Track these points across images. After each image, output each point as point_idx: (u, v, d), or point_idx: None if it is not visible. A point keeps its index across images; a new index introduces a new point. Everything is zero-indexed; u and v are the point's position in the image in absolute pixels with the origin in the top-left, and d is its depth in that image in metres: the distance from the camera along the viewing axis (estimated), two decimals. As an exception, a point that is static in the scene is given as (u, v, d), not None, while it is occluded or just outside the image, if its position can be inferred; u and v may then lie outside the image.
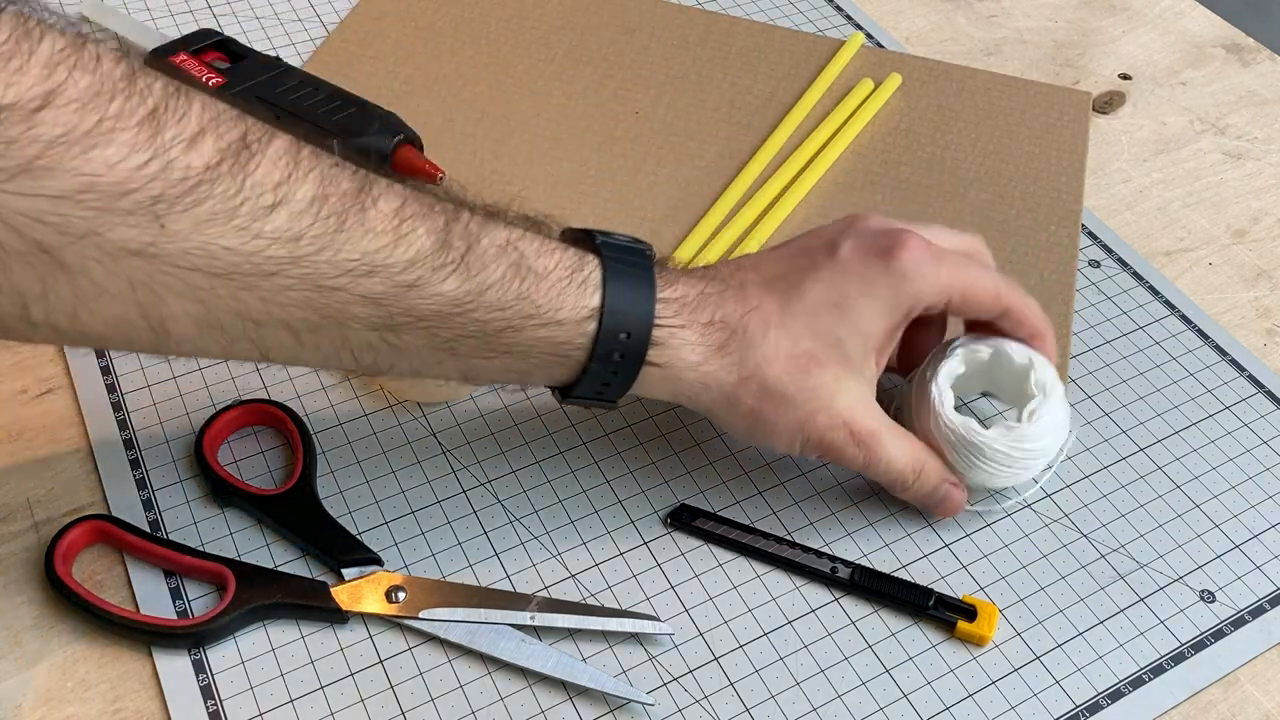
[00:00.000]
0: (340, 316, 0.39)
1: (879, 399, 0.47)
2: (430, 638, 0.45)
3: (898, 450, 0.47)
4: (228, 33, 0.70)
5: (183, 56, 0.64)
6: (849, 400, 0.45)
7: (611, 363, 0.43)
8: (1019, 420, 0.48)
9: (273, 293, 0.37)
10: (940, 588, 0.48)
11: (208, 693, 0.44)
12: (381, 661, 0.45)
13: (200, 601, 0.46)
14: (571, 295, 0.42)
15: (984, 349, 0.49)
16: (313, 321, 0.38)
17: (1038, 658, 0.46)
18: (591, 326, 0.42)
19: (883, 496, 0.51)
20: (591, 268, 0.43)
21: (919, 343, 0.51)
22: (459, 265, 0.40)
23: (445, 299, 0.40)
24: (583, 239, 0.44)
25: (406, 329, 0.40)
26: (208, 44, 0.65)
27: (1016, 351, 0.49)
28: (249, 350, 0.39)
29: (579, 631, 0.46)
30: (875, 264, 0.46)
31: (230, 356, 0.40)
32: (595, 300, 0.42)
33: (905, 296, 0.46)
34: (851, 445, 0.46)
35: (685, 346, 0.44)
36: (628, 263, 0.43)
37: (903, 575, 0.49)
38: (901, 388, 0.52)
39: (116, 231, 0.34)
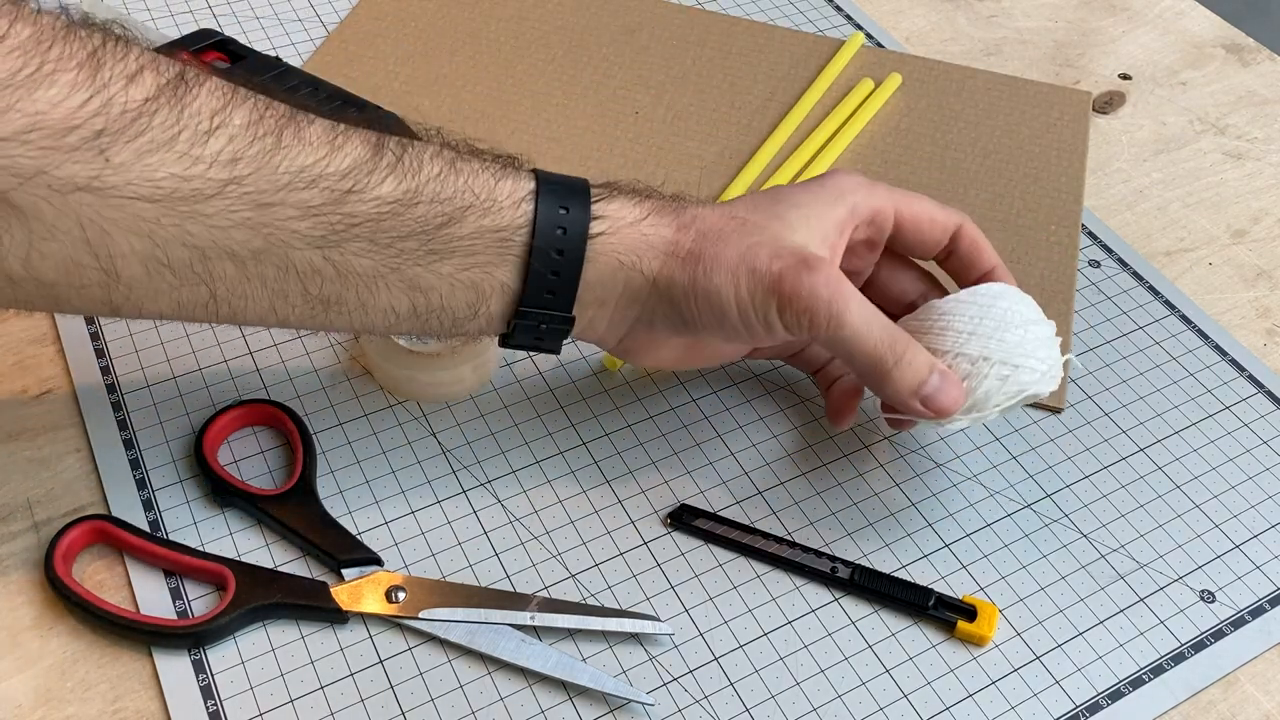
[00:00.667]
0: (282, 234, 0.39)
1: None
2: (430, 638, 0.45)
3: (868, 317, 0.43)
4: (228, 33, 0.70)
5: (183, 57, 0.64)
6: (800, 237, 0.44)
7: (555, 244, 0.43)
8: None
9: (215, 216, 0.38)
10: (940, 588, 0.48)
11: (208, 693, 0.44)
12: (381, 661, 0.45)
13: (200, 601, 0.46)
14: (508, 182, 0.43)
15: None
16: (255, 246, 0.39)
17: (1038, 658, 0.46)
18: (529, 207, 0.43)
19: (883, 496, 0.51)
20: (522, 165, 0.45)
21: (896, 284, 0.50)
22: (394, 168, 0.41)
23: (383, 200, 0.40)
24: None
25: (348, 241, 0.40)
26: (208, 44, 0.65)
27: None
28: (197, 293, 0.40)
29: (579, 631, 0.46)
30: (812, 185, 0.47)
31: (180, 311, 0.41)
32: (530, 184, 0.43)
33: (843, 202, 0.46)
34: (806, 270, 0.43)
35: (624, 209, 0.44)
36: (558, 176, 0.45)
37: (903, 575, 0.49)
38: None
39: (64, 168, 0.35)
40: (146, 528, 0.48)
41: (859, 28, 0.76)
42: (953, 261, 0.49)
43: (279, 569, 0.47)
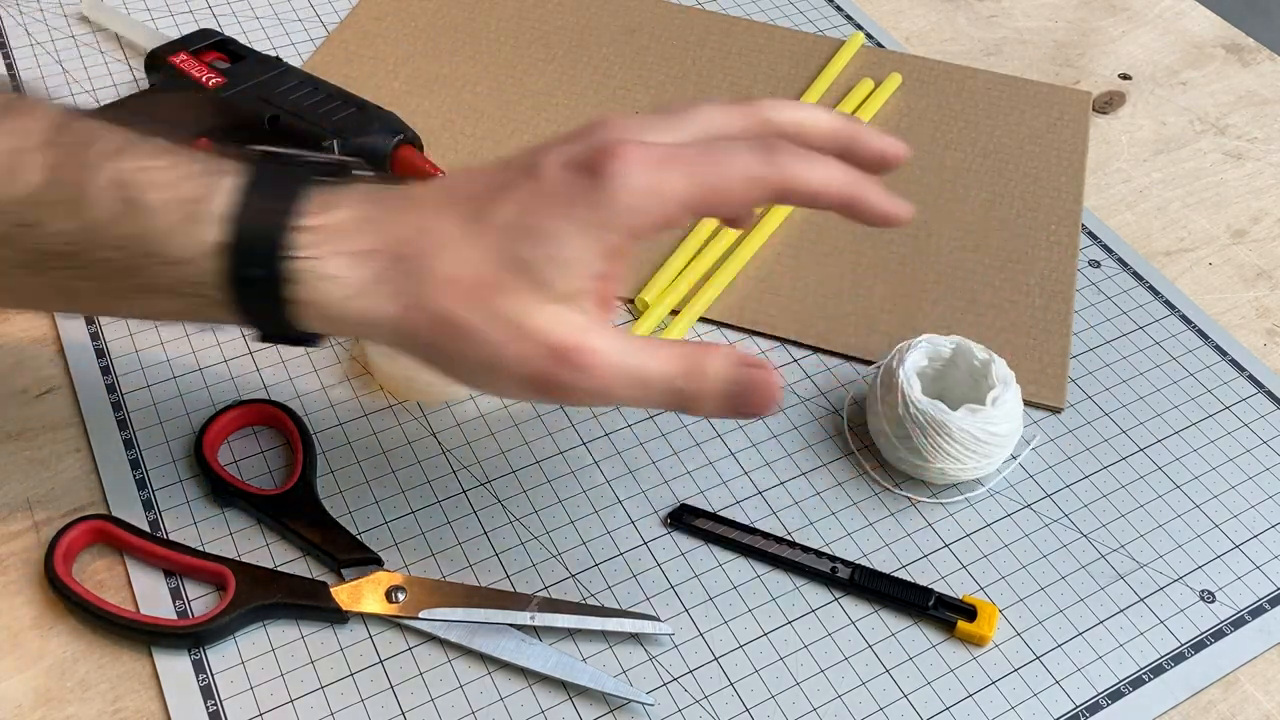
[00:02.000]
0: None
1: (840, 388, 0.46)
2: (430, 638, 0.45)
3: (636, 355, 0.39)
4: (228, 33, 0.70)
5: (183, 56, 0.64)
6: (544, 320, 0.38)
7: (255, 301, 0.39)
8: (983, 405, 0.49)
9: None
10: (940, 588, 0.48)
11: (208, 693, 0.44)
12: (381, 661, 0.45)
13: (200, 601, 0.46)
14: (190, 232, 0.38)
15: (946, 343, 0.52)
16: None
17: (1038, 658, 0.46)
18: (217, 264, 0.38)
19: (882, 496, 0.51)
20: (221, 198, 0.38)
21: None
22: (70, 203, 0.38)
23: (64, 239, 0.38)
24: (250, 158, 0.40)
25: (49, 270, 0.39)
26: (208, 44, 0.65)
27: (977, 348, 0.51)
28: None
29: (579, 631, 0.46)
30: (578, 182, 0.38)
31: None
32: (213, 235, 0.38)
33: (618, 217, 0.38)
34: (564, 369, 0.38)
35: (328, 281, 0.38)
36: (274, 188, 0.39)
37: (903, 575, 0.49)
38: (867, 377, 0.54)
39: None
40: (146, 528, 0.48)
41: (859, 28, 0.76)
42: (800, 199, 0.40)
43: (279, 569, 0.47)
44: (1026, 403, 0.55)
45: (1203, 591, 0.49)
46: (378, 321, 0.39)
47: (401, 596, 0.46)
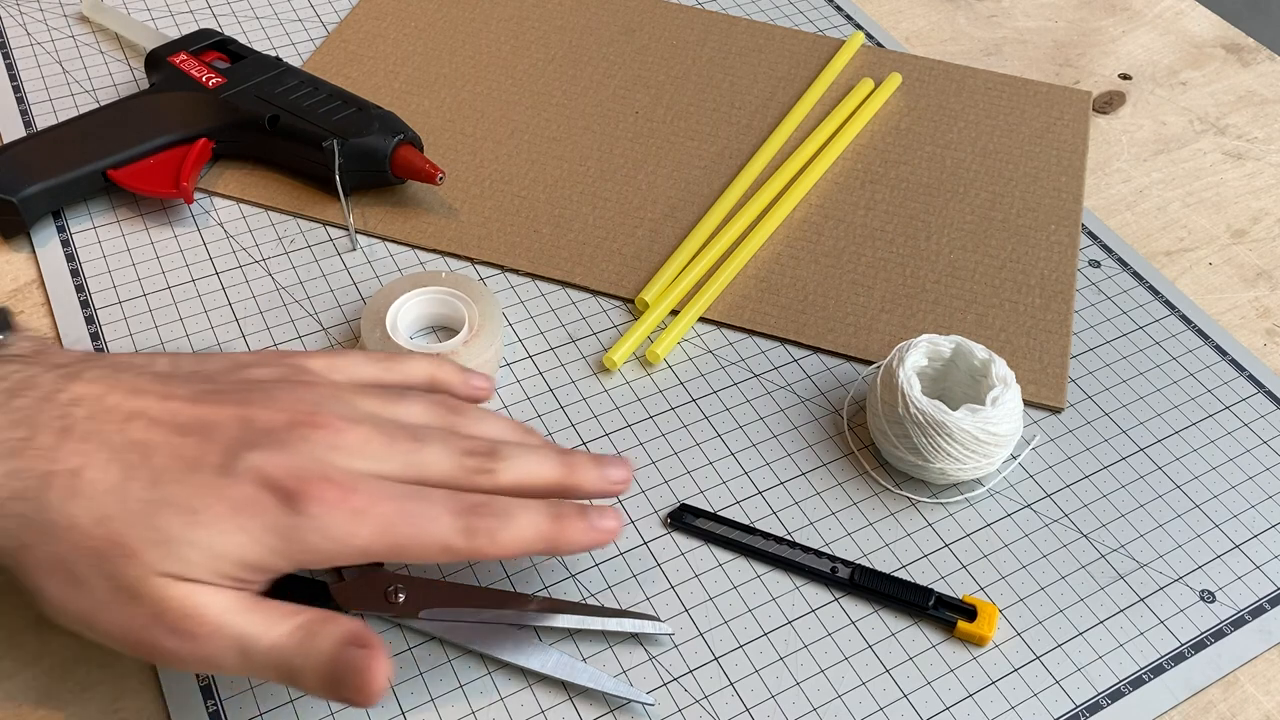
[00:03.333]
0: None
1: (840, 388, 0.47)
2: (430, 638, 0.45)
3: (250, 624, 0.37)
4: (228, 33, 0.70)
5: (183, 56, 0.64)
6: (163, 590, 0.36)
7: None
8: (983, 405, 0.49)
9: None
10: (940, 588, 0.48)
11: (208, 693, 0.44)
12: (381, 661, 0.45)
13: (200, 601, 0.46)
14: None
15: (946, 343, 0.52)
16: None
17: (1038, 658, 0.46)
18: None
19: (882, 496, 0.51)
20: None
21: None
22: None
23: None
24: None
25: None
26: (208, 44, 0.65)
27: (978, 348, 0.51)
28: None
29: (579, 631, 0.46)
30: (270, 507, 0.37)
31: None
32: None
33: (299, 553, 0.37)
34: (170, 637, 0.36)
35: None
36: None
37: (903, 575, 0.49)
38: (867, 377, 0.54)
39: None
40: (146, 528, 0.48)
41: (859, 28, 0.76)
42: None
43: (279, 569, 0.47)
44: (1026, 403, 0.55)
45: (1203, 591, 0.49)
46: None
47: (401, 596, 0.46)
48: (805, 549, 0.49)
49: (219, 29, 0.71)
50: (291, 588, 0.45)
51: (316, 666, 0.37)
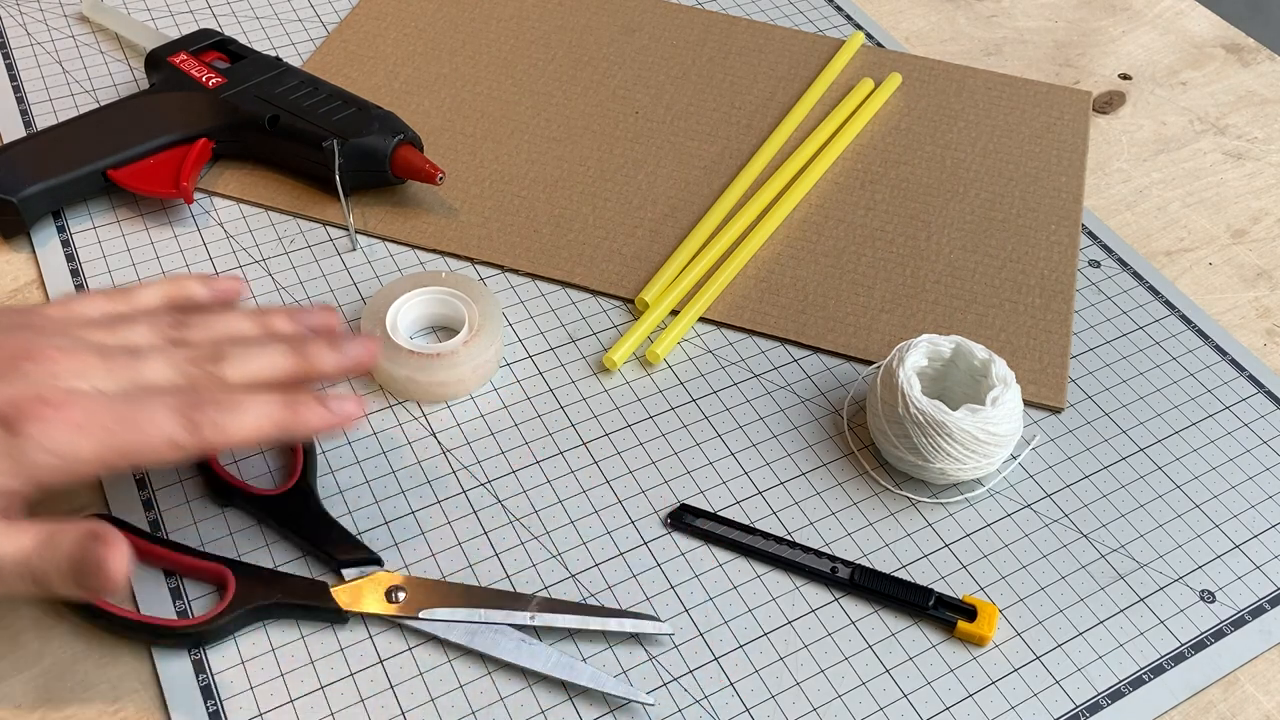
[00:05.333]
0: None
1: (840, 388, 0.47)
2: (430, 638, 0.45)
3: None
4: (228, 33, 0.70)
5: (182, 56, 0.64)
6: None
7: None
8: (983, 405, 0.49)
9: None
10: (940, 588, 0.48)
11: (208, 693, 0.44)
12: (381, 661, 0.45)
13: (200, 601, 0.46)
14: None
15: (946, 343, 0.52)
16: None
17: (1038, 658, 0.46)
18: None
19: (882, 496, 0.51)
20: None
21: None
22: None
23: None
24: None
25: None
26: (207, 44, 0.65)
27: (978, 348, 0.51)
28: None
29: (579, 631, 0.46)
30: None
31: None
32: None
33: (25, 471, 0.38)
34: None
35: None
36: None
37: (903, 575, 0.49)
38: (867, 377, 0.54)
39: None
40: (146, 528, 0.48)
41: (859, 28, 0.76)
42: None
43: (279, 569, 0.47)
44: (1026, 403, 0.55)
45: (1203, 591, 0.49)
46: None
47: (401, 596, 0.46)
48: (805, 549, 0.49)
49: (219, 29, 0.71)
50: (291, 587, 0.46)
51: (59, 566, 0.38)
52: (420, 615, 0.45)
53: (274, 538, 0.48)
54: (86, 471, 0.39)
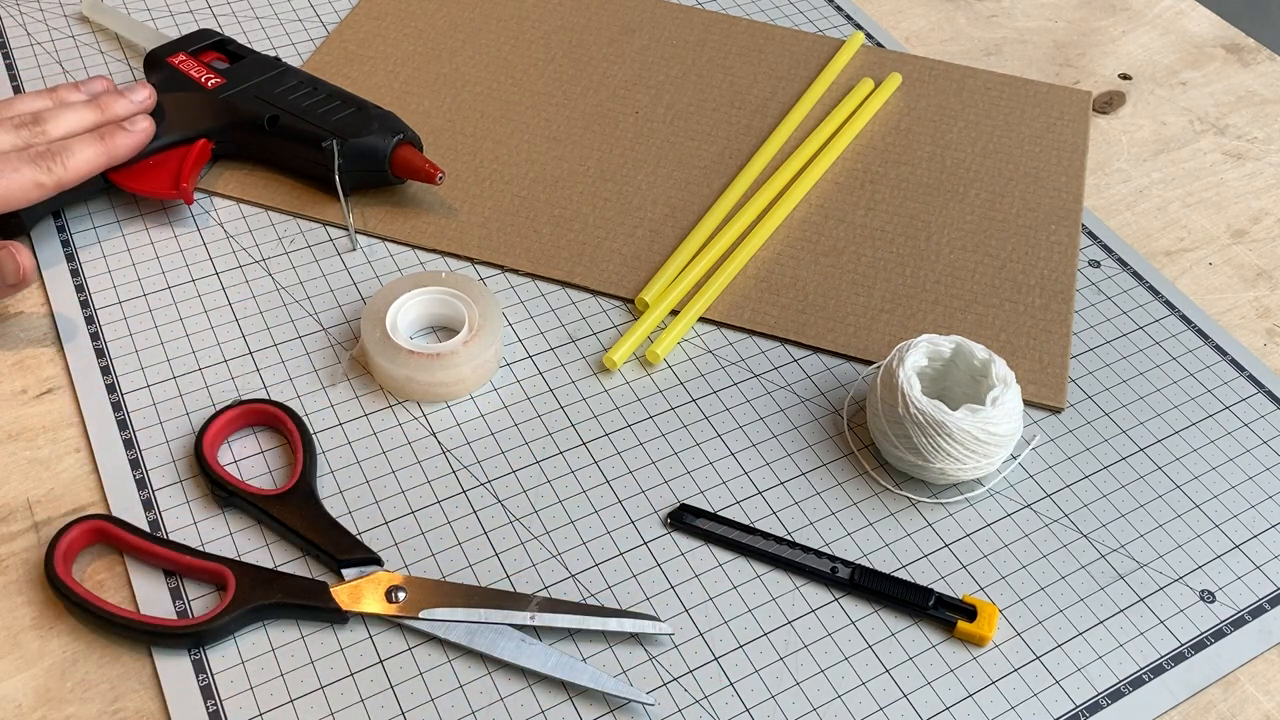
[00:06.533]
0: None
1: (840, 388, 0.47)
2: (430, 638, 0.45)
3: None
4: (228, 33, 0.70)
5: (182, 57, 0.64)
6: None
7: None
8: (983, 405, 0.49)
9: None
10: (940, 588, 0.48)
11: (208, 693, 0.44)
12: (381, 661, 0.45)
13: (200, 601, 0.46)
14: None
15: (946, 343, 0.52)
16: None
17: (1038, 658, 0.46)
18: None
19: (882, 496, 0.51)
20: None
21: None
22: None
23: None
24: None
25: None
26: (207, 44, 0.65)
27: (978, 348, 0.51)
28: None
29: (579, 631, 0.46)
30: None
31: None
32: None
33: None
34: None
35: None
36: None
37: (903, 575, 0.49)
38: (867, 377, 0.54)
39: None
40: (146, 528, 0.48)
41: (859, 28, 0.76)
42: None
43: (279, 569, 0.47)
44: (1026, 403, 0.55)
45: (1203, 591, 0.49)
46: None
47: (401, 596, 0.46)
48: (805, 549, 0.49)
49: (219, 29, 0.71)
50: (291, 587, 0.46)
51: None
52: (420, 615, 0.45)
53: (274, 538, 0.48)
54: None
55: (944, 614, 0.47)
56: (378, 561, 0.47)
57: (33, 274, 0.53)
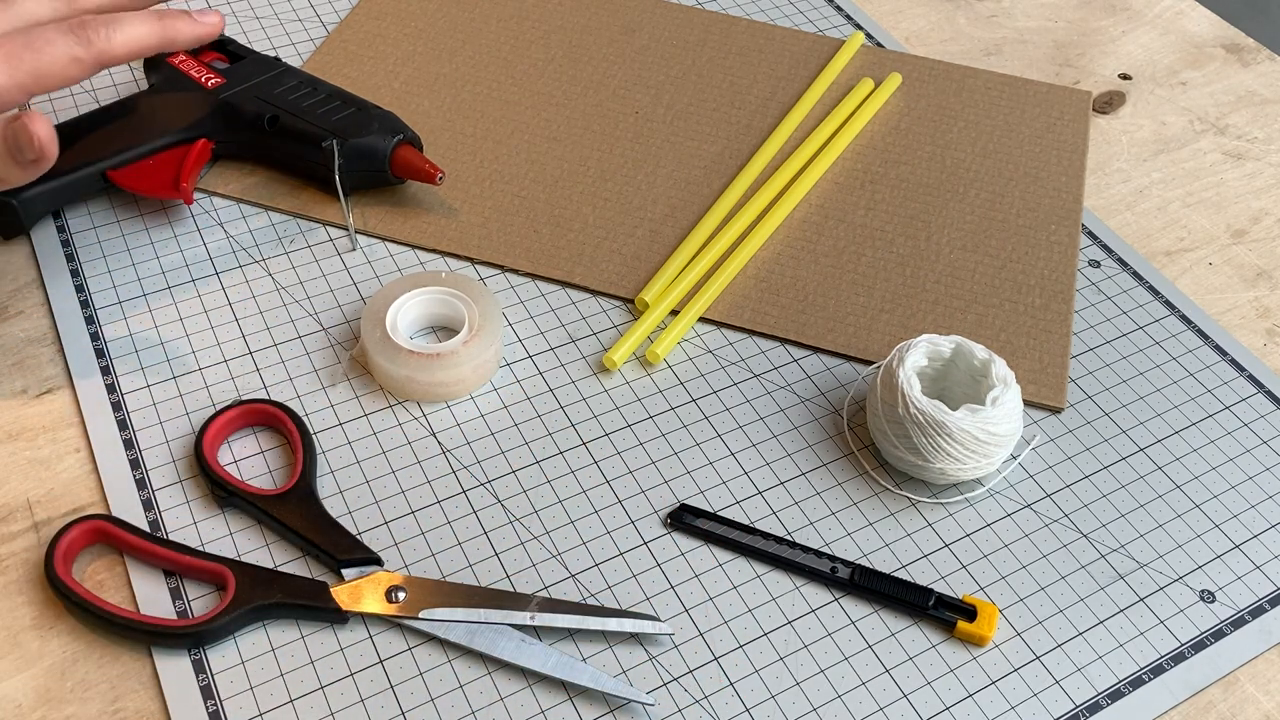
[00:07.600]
0: None
1: (840, 388, 0.47)
2: (430, 638, 0.45)
3: None
4: (227, 33, 0.70)
5: (182, 56, 0.64)
6: None
7: None
8: (983, 405, 0.49)
9: None
10: (940, 588, 0.48)
11: (208, 693, 0.44)
12: (381, 661, 0.45)
13: (200, 601, 0.46)
14: None
15: (946, 343, 0.51)
16: None
17: (1038, 658, 0.46)
18: None
19: (882, 496, 0.51)
20: None
21: None
22: None
23: None
24: None
25: None
26: (206, 44, 0.65)
27: (978, 348, 0.51)
28: None
29: (579, 631, 0.46)
30: None
31: None
32: None
33: None
34: None
35: None
36: None
37: (903, 575, 0.49)
38: (867, 377, 0.54)
39: None
40: (146, 528, 0.48)
41: (859, 28, 0.76)
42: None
43: (279, 569, 0.47)
44: (1026, 403, 0.55)
45: (1203, 591, 0.49)
46: None
47: (401, 596, 0.46)
48: (805, 549, 0.49)
49: (219, 29, 0.71)
50: (291, 587, 0.46)
51: None
52: (420, 615, 0.45)
53: (274, 538, 0.48)
54: (8, 100, 0.46)
55: (944, 614, 0.47)
56: (378, 561, 0.47)
57: (52, 147, 0.46)
